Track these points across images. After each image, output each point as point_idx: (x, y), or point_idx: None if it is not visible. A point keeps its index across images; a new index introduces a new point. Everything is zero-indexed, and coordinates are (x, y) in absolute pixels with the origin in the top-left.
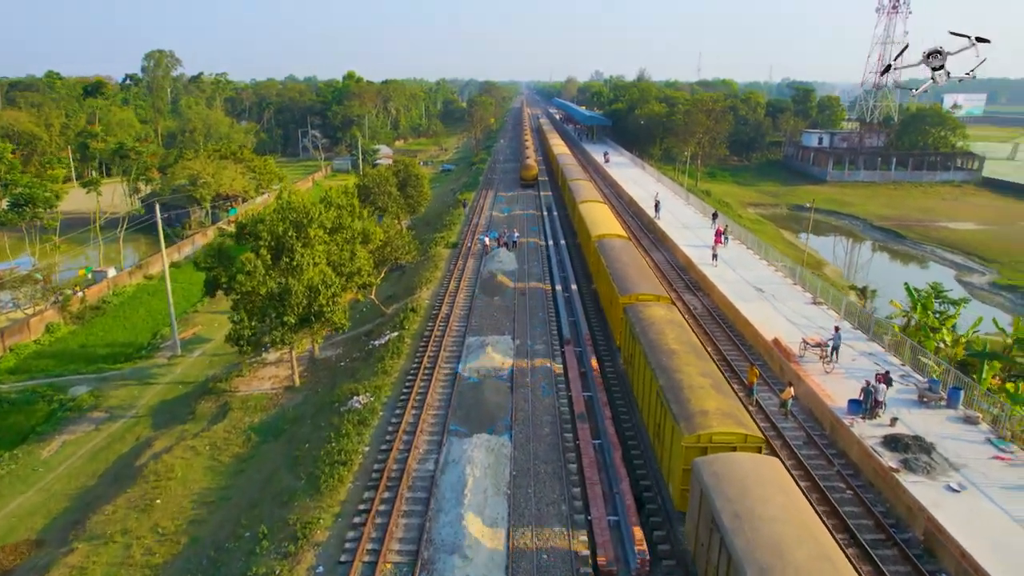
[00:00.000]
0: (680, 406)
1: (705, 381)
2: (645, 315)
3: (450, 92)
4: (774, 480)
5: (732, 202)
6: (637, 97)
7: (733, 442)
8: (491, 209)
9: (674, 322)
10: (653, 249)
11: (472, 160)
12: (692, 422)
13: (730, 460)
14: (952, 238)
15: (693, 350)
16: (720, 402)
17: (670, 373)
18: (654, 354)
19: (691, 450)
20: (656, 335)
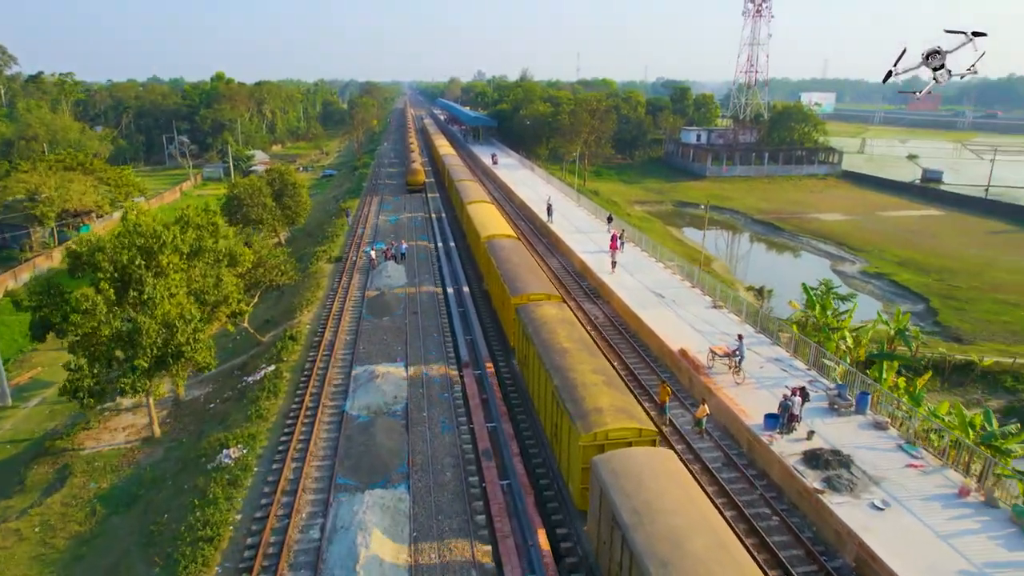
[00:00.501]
0: (575, 405)
1: (598, 378)
2: (537, 315)
3: (329, 93)
4: (670, 472)
5: (620, 200)
6: (521, 97)
7: (628, 437)
8: (377, 217)
9: (566, 320)
10: (548, 255)
11: (355, 165)
12: (588, 420)
13: (627, 456)
14: (823, 229)
15: (585, 347)
16: (613, 398)
17: (564, 372)
18: (547, 354)
19: (589, 449)
20: (549, 334)
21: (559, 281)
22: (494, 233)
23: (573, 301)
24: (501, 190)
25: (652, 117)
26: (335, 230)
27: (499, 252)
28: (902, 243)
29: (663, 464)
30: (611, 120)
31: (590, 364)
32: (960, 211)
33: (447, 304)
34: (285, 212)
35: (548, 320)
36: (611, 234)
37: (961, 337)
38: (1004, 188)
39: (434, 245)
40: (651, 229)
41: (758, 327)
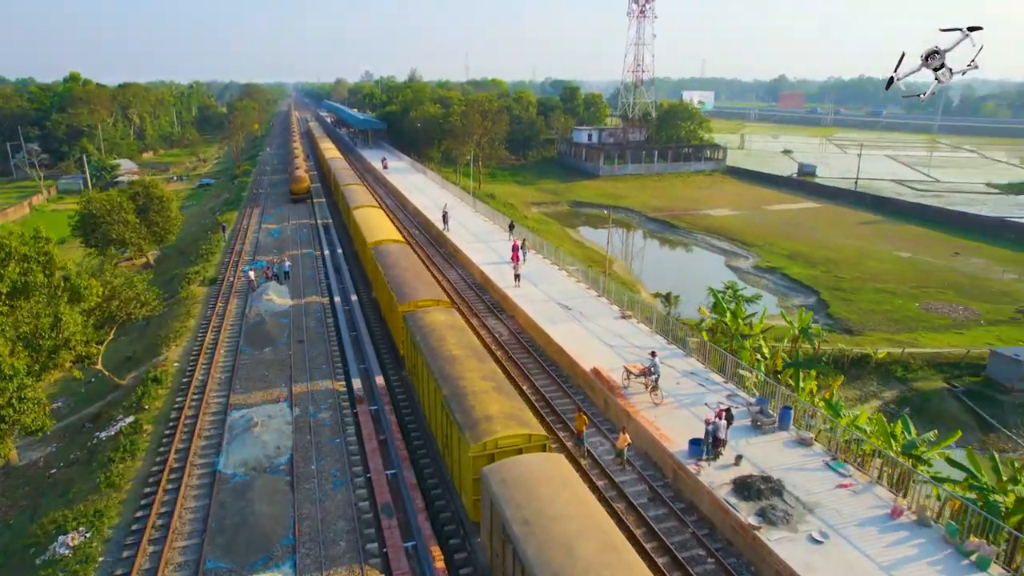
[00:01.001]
0: (465, 415)
1: (487, 385)
2: (425, 322)
3: (206, 96)
4: (559, 477)
5: (516, 203)
6: (411, 98)
7: (518, 444)
8: (258, 230)
9: (455, 326)
10: (447, 267)
11: (234, 173)
12: (477, 430)
13: (517, 464)
14: (715, 225)
15: (475, 354)
16: (503, 404)
17: (453, 380)
18: (436, 362)
19: (479, 459)
20: (437, 342)
21: (459, 295)
22: (381, 239)
23: (476, 318)
24: (393, 196)
25: (543, 117)
26: (211, 247)
27: (386, 258)
28: (788, 236)
29: (553, 469)
30: (503, 121)
31: (480, 371)
32: (834, 203)
33: (337, 326)
34: (152, 229)
35: (436, 327)
36: (512, 243)
37: (851, 328)
38: (868, 180)
39: (322, 258)
40: (549, 231)
41: (669, 337)
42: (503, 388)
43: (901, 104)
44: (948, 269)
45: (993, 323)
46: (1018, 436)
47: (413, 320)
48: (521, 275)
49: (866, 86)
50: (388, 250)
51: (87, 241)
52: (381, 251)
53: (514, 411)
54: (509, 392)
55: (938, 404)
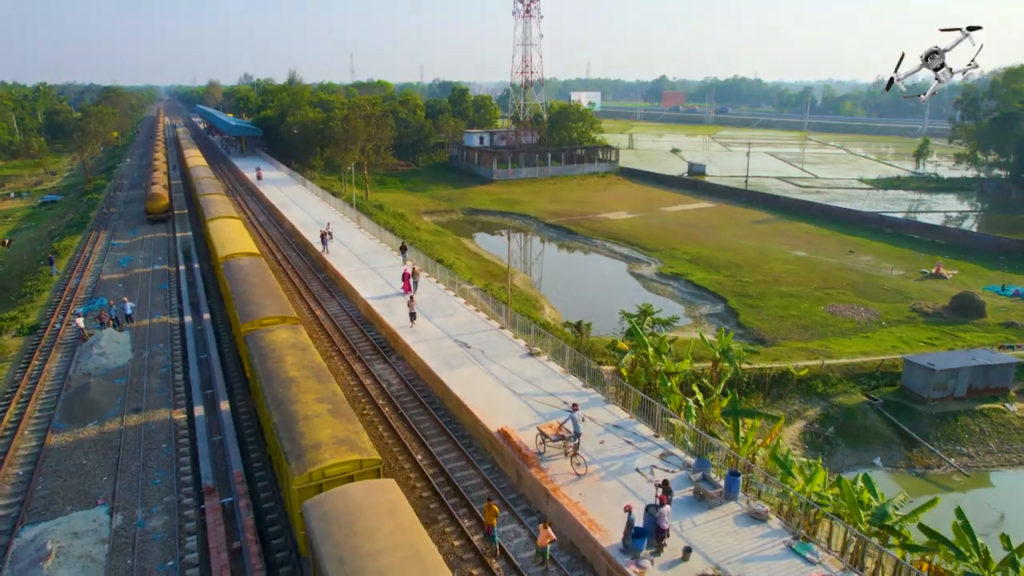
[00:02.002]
0: (292, 442)
1: (322, 408)
2: (266, 341)
3: (57, 100)
4: (385, 506)
5: (407, 212)
6: (288, 103)
7: (349, 471)
8: (102, 261)
9: (297, 345)
10: (327, 298)
11: (85, 188)
12: (303, 459)
13: (340, 496)
14: (614, 229)
15: (315, 374)
16: (336, 428)
17: (286, 405)
18: (270, 386)
19: (305, 491)
20: (275, 363)
21: (340, 333)
22: (233, 252)
23: (360, 362)
24: (269, 212)
25: (432, 120)
26: (38, 283)
27: (235, 273)
28: (687, 238)
29: (380, 496)
30: (389, 126)
31: (317, 393)
32: (726, 202)
33: (188, 384)
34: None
35: (277, 347)
36: (403, 271)
37: (764, 338)
38: (755, 178)
39: (177, 291)
40: (444, 243)
41: (585, 379)
42: (339, 411)
43: (774, 103)
44: (843, 268)
45: (893, 323)
46: (940, 450)
47: (253, 340)
48: (416, 312)
49: (740, 86)
50: (238, 264)
51: None
52: (231, 266)
53: (348, 435)
54: (346, 415)
55: (861, 420)
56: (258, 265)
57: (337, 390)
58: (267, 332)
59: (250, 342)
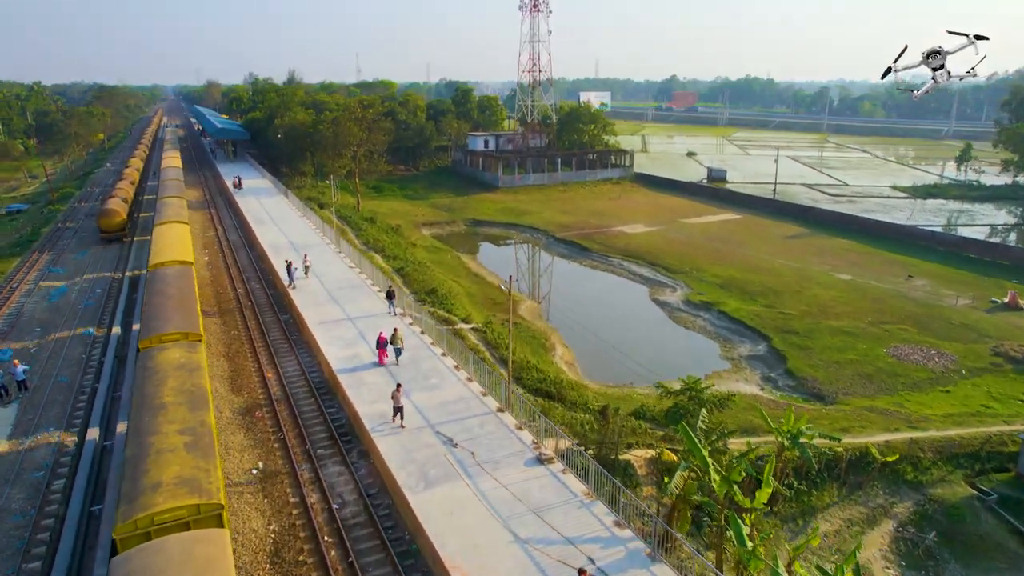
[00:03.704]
0: (132, 482)
1: (180, 440)
2: (155, 361)
3: (51, 100)
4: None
5: (404, 224)
6: (277, 103)
7: (185, 517)
8: (29, 294)
9: (186, 366)
10: (285, 351)
11: (49, 198)
12: (134, 503)
13: (150, 551)
14: (632, 245)
15: (189, 400)
16: (185, 466)
17: (142, 437)
18: (138, 413)
19: (128, 541)
20: (153, 387)
21: (292, 408)
22: (164, 260)
23: (309, 462)
24: (242, 229)
25: (434, 122)
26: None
27: (156, 284)
28: (714, 257)
29: (200, 552)
30: (384, 130)
31: (182, 424)
32: (753, 213)
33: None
34: None
35: (163, 368)
36: (379, 335)
37: (821, 392)
38: (780, 185)
39: (103, 343)
40: (442, 262)
41: (619, 514)
42: (198, 444)
43: (789, 103)
44: (898, 296)
45: (975, 372)
46: None
47: (143, 360)
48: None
49: (752, 86)
50: (163, 274)
51: None
52: (156, 276)
53: (194, 474)
54: (204, 449)
55: (973, 524)
56: (183, 275)
57: (207, 419)
58: (160, 351)
59: (140, 361)
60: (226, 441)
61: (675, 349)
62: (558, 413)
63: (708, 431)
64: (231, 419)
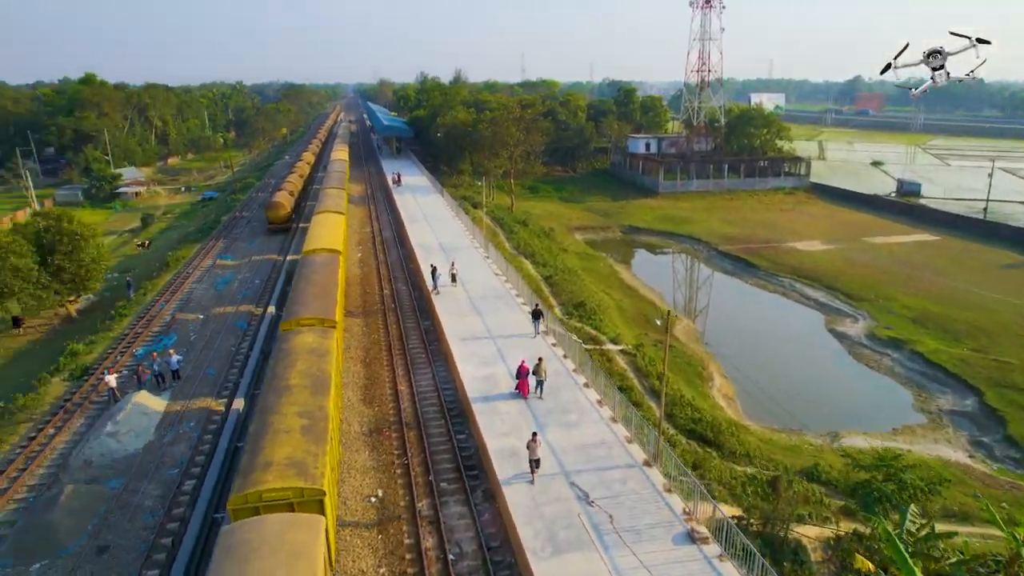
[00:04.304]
0: (250, 458)
1: (298, 423)
2: (288, 344)
3: (248, 97)
4: (292, 547)
5: (557, 227)
6: (440, 102)
7: (289, 498)
8: (201, 280)
9: (316, 351)
10: (422, 362)
11: (234, 188)
12: (246, 480)
13: (252, 526)
14: (806, 264)
15: (313, 384)
16: (296, 448)
17: (266, 416)
18: (266, 393)
19: (240, 512)
20: (284, 368)
21: (420, 434)
22: (315, 247)
23: (429, 497)
24: (396, 227)
25: (595, 123)
26: (131, 306)
27: (305, 269)
28: (908, 285)
29: (294, 537)
30: (541, 130)
31: (302, 406)
32: (956, 235)
33: (195, 501)
34: (59, 276)
35: (294, 350)
36: (521, 364)
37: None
38: (995, 203)
39: (254, 334)
40: (593, 270)
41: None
42: (313, 429)
43: (1002, 106)
44: None
45: None
46: None
47: (280, 342)
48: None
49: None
50: (312, 260)
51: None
52: (306, 261)
53: (304, 458)
54: (317, 434)
55: None
56: (330, 263)
57: (325, 404)
58: (296, 334)
59: (278, 343)
60: (350, 460)
61: (855, 391)
62: (715, 465)
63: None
64: (358, 435)
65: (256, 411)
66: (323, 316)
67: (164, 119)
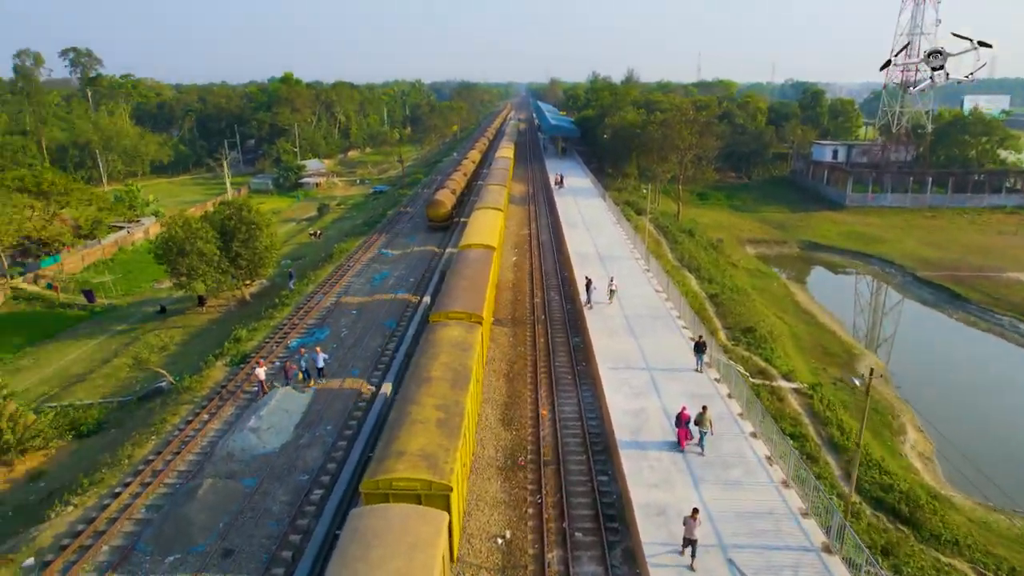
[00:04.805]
0: (384, 445)
1: (435, 415)
2: (435, 336)
3: (426, 95)
4: (414, 539)
5: (727, 238)
6: (609, 102)
7: (416, 489)
8: (360, 273)
9: (459, 345)
10: (567, 385)
11: (402, 183)
12: (379, 466)
13: (379, 513)
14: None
15: (453, 377)
16: (430, 440)
17: (405, 405)
18: (407, 383)
19: (371, 497)
20: (427, 359)
21: (559, 474)
22: (471, 242)
23: (562, 547)
24: (554, 230)
25: (775, 127)
26: (293, 295)
27: (458, 263)
28: None
29: (417, 529)
30: (716, 134)
31: (440, 398)
32: None
33: (320, 512)
34: (238, 262)
35: (439, 342)
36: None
37: None
38: None
39: (402, 334)
40: (766, 290)
41: None
42: (448, 423)
43: None
44: None
45: None
46: None
47: (426, 333)
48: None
49: None
50: (466, 255)
51: (173, 270)
52: (460, 256)
53: (435, 451)
54: (452, 428)
55: None
56: (483, 259)
57: (462, 400)
58: (443, 327)
59: (425, 334)
60: (480, 490)
61: None
62: (912, 552)
63: None
64: (492, 461)
65: (397, 398)
66: (471, 311)
67: (347, 114)
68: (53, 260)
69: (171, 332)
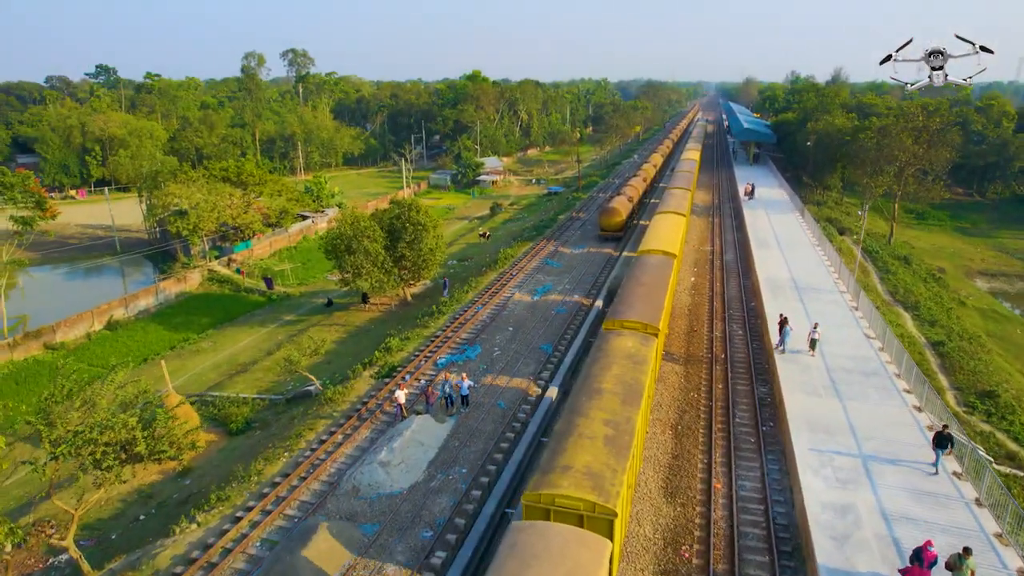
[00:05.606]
0: (550, 456)
1: (603, 431)
2: (608, 345)
3: (610, 94)
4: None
5: (950, 268)
6: (814, 105)
7: (579, 509)
8: (522, 284)
9: (634, 357)
10: (749, 451)
11: (576, 186)
12: (542, 479)
13: (540, 531)
14: None
15: (624, 392)
16: (595, 458)
17: (573, 417)
18: (577, 392)
19: (532, 510)
20: (599, 370)
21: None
22: (651, 248)
23: None
24: (741, 249)
25: None
26: (450, 303)
27: (636, 269)
28: None
29: (577, 554)
30: (949, 144)
31: (610, 414)
32: None
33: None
34: (404, 263)
35: (612, 352)
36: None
37: None
38: None
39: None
40: (1006, 336)
41: None
42: (616, 441)
43: None
44: None
45: None
46: None
47: (599, 341)
48: None
49: None
50: (646, 261)
51: (341, 267)
52: (639, 261)
53: (601, 470)
54: (619, 447)
55: None
56: (663, 266)
57: (632, 416)
58: (617, 336)
59: (597, 342)
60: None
61: None
62: None
63: None
64: (648, 544)
65: (565, 409)
66: (647, 321)
67: (530, 112)
68: (245, 246)
69: (331, 329)
